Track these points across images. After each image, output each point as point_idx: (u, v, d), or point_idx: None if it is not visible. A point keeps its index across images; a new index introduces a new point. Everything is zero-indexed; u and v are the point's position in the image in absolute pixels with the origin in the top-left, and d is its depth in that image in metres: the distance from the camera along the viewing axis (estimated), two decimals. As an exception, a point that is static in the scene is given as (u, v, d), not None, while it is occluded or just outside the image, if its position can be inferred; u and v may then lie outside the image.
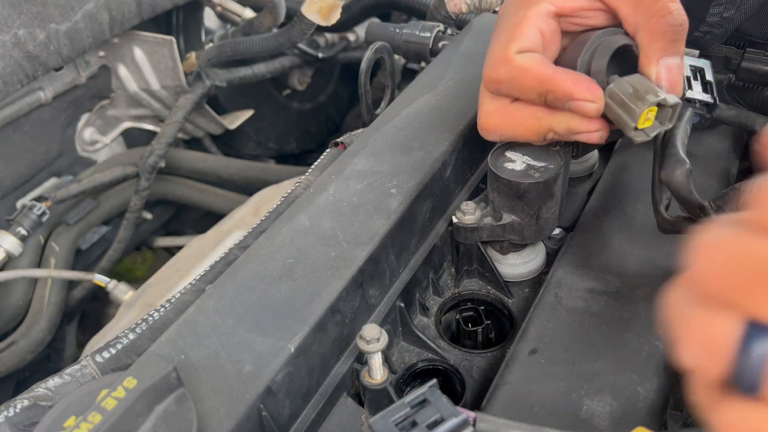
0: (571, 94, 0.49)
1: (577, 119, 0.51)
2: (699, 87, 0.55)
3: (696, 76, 0.55)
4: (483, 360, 0.58)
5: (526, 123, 0.54)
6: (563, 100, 0.50)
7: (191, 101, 1.37)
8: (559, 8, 0.53)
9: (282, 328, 0.46)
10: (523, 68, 0.51)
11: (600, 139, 0.51)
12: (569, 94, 0.49)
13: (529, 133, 0.55)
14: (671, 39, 0.48)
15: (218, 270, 0.60)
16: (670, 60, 0.48)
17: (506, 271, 0.64)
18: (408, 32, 0.87)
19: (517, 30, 0.52)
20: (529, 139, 0.56)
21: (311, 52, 1.53)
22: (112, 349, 0.52)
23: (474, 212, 0.60)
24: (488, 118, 0.57)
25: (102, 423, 0.36)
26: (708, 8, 0.56)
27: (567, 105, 0.50)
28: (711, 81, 0.56)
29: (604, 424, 0.45)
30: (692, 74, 0.55)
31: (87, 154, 1.44)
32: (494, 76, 0.53)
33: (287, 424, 0.47)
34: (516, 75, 0.52)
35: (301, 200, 0.58)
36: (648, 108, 0.47)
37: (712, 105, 0.55)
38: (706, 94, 0.55)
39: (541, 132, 0.54)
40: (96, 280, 1.18)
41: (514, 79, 0.52)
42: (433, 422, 0.37)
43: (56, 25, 1.08)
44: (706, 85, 0.56)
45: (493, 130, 0.57)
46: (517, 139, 0.57)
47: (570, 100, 0.49)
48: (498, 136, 0.58)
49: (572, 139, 0.54)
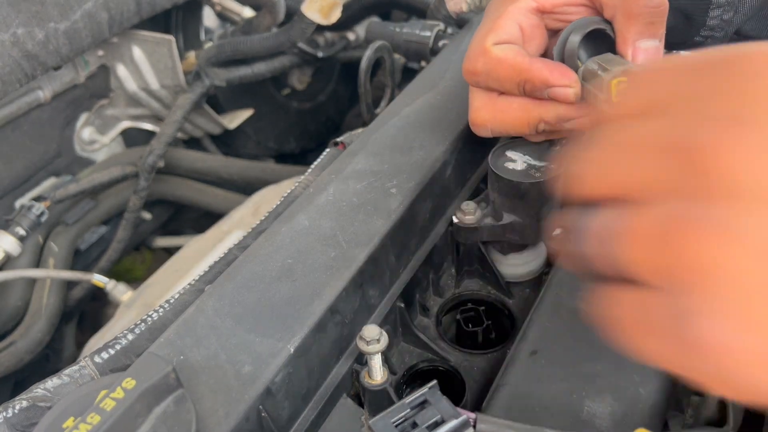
0: (547, 81, 0.50)
1: (564, 105, 0.51)
2: None
3: None
4: (483, 361, 0.57)
5: (515, 115, 0.54)
6: (541, 88, 0.50)
7: (190, 101, 1.37)
8: (540, 4, 0.53)
9: (281, 329, 0.46)
10: (500, 59, 0.52)
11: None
12: (545, 81, 0.50)
13: (519, 126, 0.55)
14: (648, 21, 0.48)
15: (217, 270, 0.60)
16: (647, 42, 0.48)
17: (507, 271, 0.63)
18: (408, 31, 0.87)
19: (496, 24, 0.53)
20: (521, 132, 0.57)
21: (311, 52, 1.53)
22: (110, 349, 0.52)
23: (474, 212, 0.60)
24: (478, 113, 0.58)
25: (101, 424, 0.36)
26: (707, 12, 0.56)
27: (546, 93, 0.51)
28: None
29: (605, 425, 0.44)
30: None
31: (86, 153, 1.44)
32: (471, 68, 0.54)
33: (287, 425, 0.46)
34: (493, 66, 0.52)
35: (300, 200, 0.58)
36: (615, 78, 0.47)
37: None
38: None
39: (532, 123, 0.54)
40: (95, 280, 1.18)
41: (492, 71, 0.53)
42: (434, 423, 0.37)
43: (55, 25, 1.08)
44: None
45: (484, 125, 0.58)
46: (508, 133, 0.57)
47: (547, 87, 0.50)
48: (489, 131, 0.58)
49: (566, 129, 0.54)
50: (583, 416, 0.45)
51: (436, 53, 0.86)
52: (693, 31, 0.59)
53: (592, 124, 0.34)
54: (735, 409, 0.42)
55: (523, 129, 0.56)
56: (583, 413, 0.45)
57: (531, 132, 0.56)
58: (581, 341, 0.50)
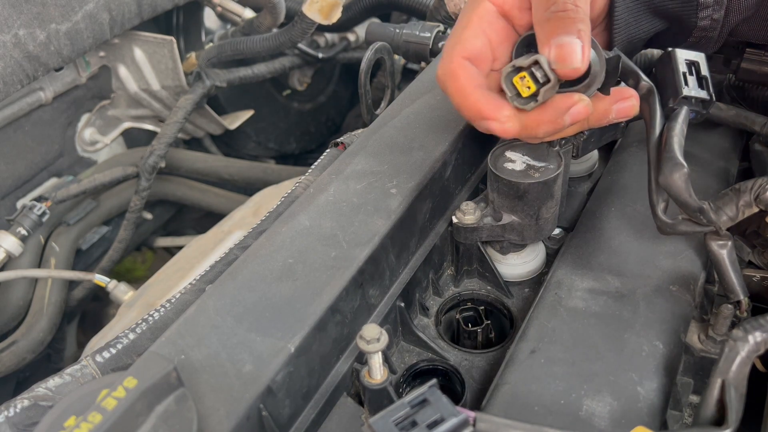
0: (480, 113, 0.51)
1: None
2: (694, 83, 0.54)
3: (691, 71, 0.55)
4: (483, 360, 0.58)
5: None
6: (475, 119, 0.52)
7: (191, 101, 1.37)
8: (499, 7, 0.54)
9: (282, 328, 0.46)
10: (455, 75, 0.52)
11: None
12: (480, 113, 0.51)
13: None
14: (558, 22, 0.49)
15: (218, 270, 0.60)
16: (562, 38, 0.49)
17: (506, 271, 0.64)
18: (408, 32, 0.87)
19: (463, 35, 0.53)
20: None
21: (311, 53, 1.53)
22: (112, 349, 0.52)
23: (474, 212, 0.60)
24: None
25: (102, 423, 0.36)
26: (696, 13, 0.56)
27: (480, 125, 0.52)
28: (706, 75, 0.55)
29: (604, 423, 0.45)
30: (687, 69, 0.55)
31: (87, 154, 1.44)
32: (439, 78, 0.54)
33: (287, 423, 0.47)
34: (450, 83, 0.53)
35: (301, 200, 0.58)
36: (514, 74, 0.50)
37: (708, 101, 0.54)
38: (702, 90, 0.54)
39: (530, 129, 0.55)
40: (96, 280, 1.18)
41: (448, 88, 0.53)
42: (433, 422, 0.37)
43: (56, 26, 1.08)
44: (701, 81, 0.55)
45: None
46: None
47: (481, 119, 0.52)
48: (486, 128, 0.58)
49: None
50: (582, 415, 0.45)
51: (435, 54, 0.87)
52: (685, 33, 0.59)
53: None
54: (734, 409, 0.42)
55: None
56: (582, 412, 0.45)
57: (529, 135, 0.56)
58: (580, 340, 0.50)
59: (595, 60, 0.53)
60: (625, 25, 0.58)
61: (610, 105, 0.54)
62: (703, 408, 0.43)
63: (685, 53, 0.55)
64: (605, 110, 0.55)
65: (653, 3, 0.57)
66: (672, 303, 0.53)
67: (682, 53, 0.55)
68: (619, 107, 0.54)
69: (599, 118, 0.55)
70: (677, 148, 0.51)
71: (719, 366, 0.42)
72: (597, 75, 0.53)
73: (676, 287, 0.54)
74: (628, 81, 0.55)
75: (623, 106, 0.54)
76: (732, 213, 0.51)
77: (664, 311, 0.52)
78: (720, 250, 0.51)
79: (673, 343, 0.50)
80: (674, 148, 0.51)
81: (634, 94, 0.55)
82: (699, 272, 0.56)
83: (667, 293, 0.54)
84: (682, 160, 0.50)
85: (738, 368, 0.42)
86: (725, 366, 0.42)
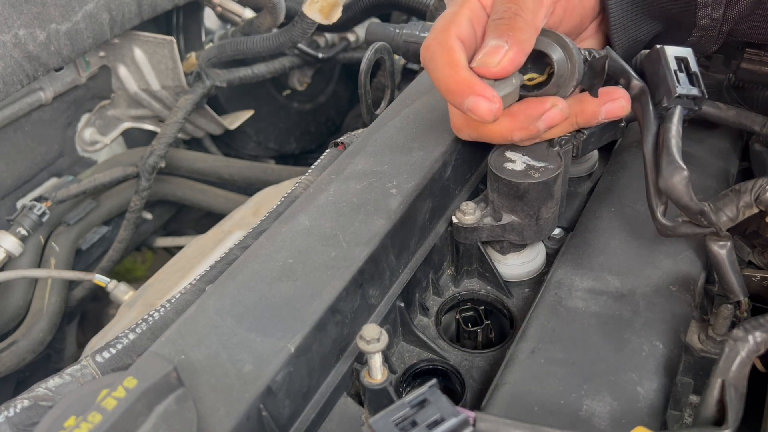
0: (472, 88, 0.51)
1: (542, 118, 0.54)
2: (685, 80, 0.54)
3: (681, 68, 0.55)
4: (483, 360, 0.58)
5: (488, 125, 0.55)
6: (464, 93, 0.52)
7: (191, 101, 1.37)
8: (483, 3, 0.54)
9: (282, 328, 0.46)
10: (450, 49, 0.52)
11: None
12: (471, 88, 0.51)
13: (492, 135, 0.56)
14: (495, 27, 0.52)
15: (218, 270, 0.60)
16: (490, 41, 0.52)
17: (506, 271, 0.64)
18: (408, 32, 0.87)
19: (456, 18, 0.54)
20: (495, 141, 0.57)
21: (311, 53, 1.53)
22: (112, 349, 0.52)
23: (474, 212, 0.60)
24: (456, 118, 0.59)
25: (102, 423, 0.36)
26: (696, 12, 0.56)
27: (465, 103, 0.52)
28: (696, 72, 0.55)
29: (604, 424, 0.45)
30: (678, 66, 0.55)
31: (87, 154, 1.44)
32: (428, 42, 0.54)
33: (287, 423, 0.47)
34: (441, 54, 0.53)
35: (301, 200, 0.58)
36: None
37: (700, 98, 0.54)
38: (693, 88, 0.54)
39: (505, 135, 0.55)
40: (96, 280, 1.18)
41: (435, 54, 0.53)
42: (433, 422, 0.37)
43: (56, 26, 1.08)
44: (691, 77, 0.55)
45: (461, 130, 0.59)
46: (484, 140, 0.58)
47: (471, 93, 0.51)
48: (467, 135, 0.59)
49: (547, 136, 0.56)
50: (582, 415, 0.45)
51: (436, 54, 0.86)
52: (685, 33, 0.59)
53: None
54: (734, 409, 0.42)
55: (496, 139, 0.57)
56: (582, 412, 0.45)
57: (505, 142, 0.56)
58: (580, 340, 0.50)
59: (562, 60, 0.53)
60: (624, 29, 0.58)
61: (598, 106, 0.55)
62: (703, 408, 0.43)
63: (674, 50, 0.55)
64: (593, 111, 0.55)
65: (652, 5, 0.57)
66: (672, 303, 0.53)
67: (671, 50, 0.55)
68: (608, 108, 0.55)
69: (588, 119, 0.56)
70: (675, 151, 0.51)
71: (719, 366, 0.42)
72: (564, 75, 0.53)
73: (676, 287, 0.54)
74: (620, 81, 0.55)
75: (612, 107, 0.55)
76: (732, 214, 0.51)
77: (664, 311, 0.52)
78: (720, 250, 0.51)
79: (673, 343, 0.50)
80: (673, 151, 0.51)
81: (624, 94, 0.54)
82: (699, 272, 0.56)
83: (667, 293, 0.54)
84: (681, 163, 0.50)
85: (738, 368, 0.42)
86: (725, 366, 0.42)
